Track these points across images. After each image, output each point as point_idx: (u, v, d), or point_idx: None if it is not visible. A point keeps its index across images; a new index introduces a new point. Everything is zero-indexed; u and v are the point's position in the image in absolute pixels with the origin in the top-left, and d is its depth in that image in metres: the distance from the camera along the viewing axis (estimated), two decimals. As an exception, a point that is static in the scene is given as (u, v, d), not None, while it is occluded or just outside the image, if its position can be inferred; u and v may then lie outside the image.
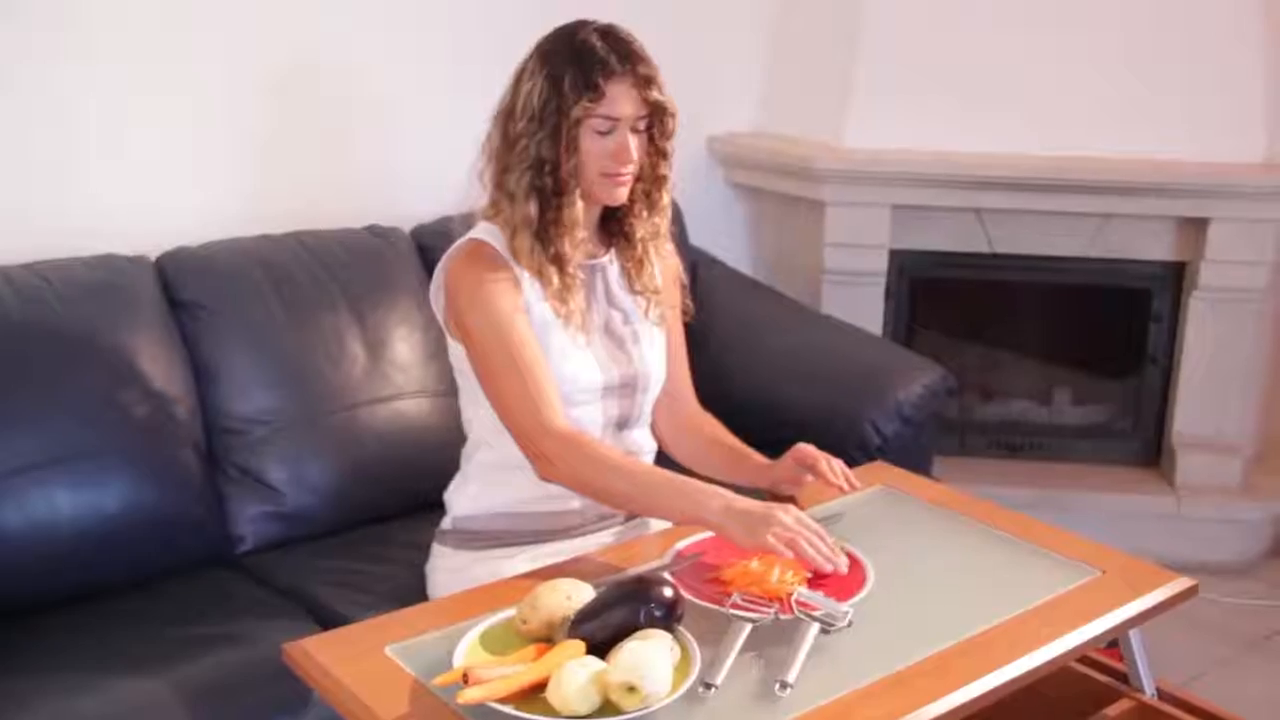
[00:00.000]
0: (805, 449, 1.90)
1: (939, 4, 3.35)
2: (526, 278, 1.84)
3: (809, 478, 1.89)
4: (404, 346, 2.52)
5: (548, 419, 1.75)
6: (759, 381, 2.79)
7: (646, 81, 1.80)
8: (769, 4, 3.51)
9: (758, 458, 1.98)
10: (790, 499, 1.90)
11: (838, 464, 1.89)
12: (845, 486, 1.87)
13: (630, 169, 1.84)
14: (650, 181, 1.91)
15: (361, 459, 2.41)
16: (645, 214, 1.93)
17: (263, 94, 2.64)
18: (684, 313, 2.08)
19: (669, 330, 2.04)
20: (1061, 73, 3.29)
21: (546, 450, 1.75)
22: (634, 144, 1.82)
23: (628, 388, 1.93)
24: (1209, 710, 1.75)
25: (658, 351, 1.99)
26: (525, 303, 1.84)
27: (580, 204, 1.84)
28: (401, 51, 2.84)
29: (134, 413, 2.20)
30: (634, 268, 1.96)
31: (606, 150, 1.81)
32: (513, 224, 1.84)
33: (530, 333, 1.82)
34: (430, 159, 2.83)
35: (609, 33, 1.82)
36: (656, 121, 1.85)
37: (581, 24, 1.84)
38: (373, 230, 2.69)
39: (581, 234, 1.86)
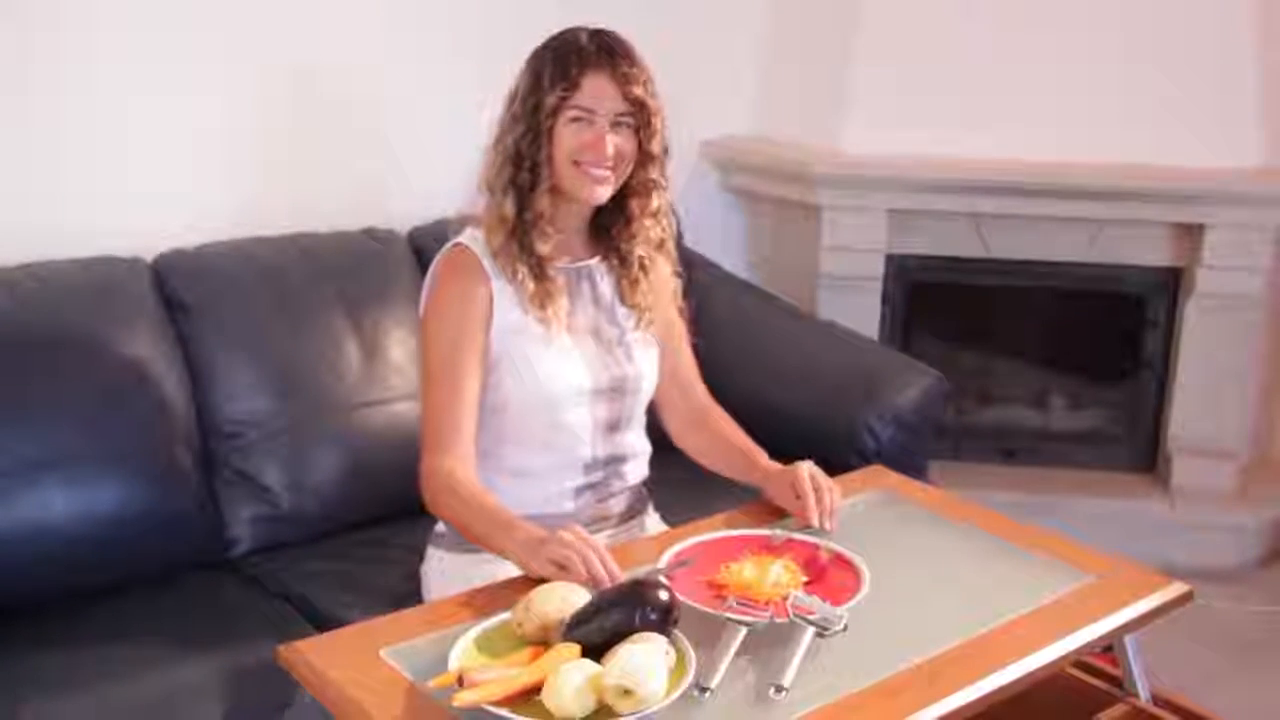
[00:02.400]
0: (800, 477, 1.83)
1: (936, 9, 3.36)
2: (502, 285, 1.84)
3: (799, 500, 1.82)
4: (400, 349, 2.51)
5: (439, 453, 1.79)
6: (755, 386, 2.79)
7: (626, 78, 1.79)
8: (765, 7, 3.52)
9: (761, 462, 1.95)
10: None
11: (831, 496, 1.82)
12: (816, 524, 1.79)
13: (607, 165, 1.82)
14: (640, 186, 1.89)
15: (357, 462, 2.41)
16: (645, 225, 1.91)
17: (260, 96, 2.64)
18: (681, 312, 2.07)
19: (670, 324, 2.03)
20: (1059, 78, 3.29)
21: (428, 482, 1.81)
22: (613, 141, 1.81)
23: (617, 391, 1.93)
24: (1204, 716, 1.75)
25: (649, 354, 1.98)
26: (495, 314, 1.84)
27: (548, 197, 1.83)
28: (399, 54, 2.83)
29: (129, 415, 2.20)
30: (628, 284, 1.94)
31: (580, 142, 1.80)
32: (490, 221, 1.84)
33: (475, 369, 1.82)
34: (427, 161, 2.83)
35: (598, 32, 1.83)
36: (641, 122, 1.83)
37: (575, 27, 1.85)
38: (369, 233, 2.68)
39: (552, 230, 1.84)
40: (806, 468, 1.84)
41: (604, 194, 1.85)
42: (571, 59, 1.79)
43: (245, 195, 2.65)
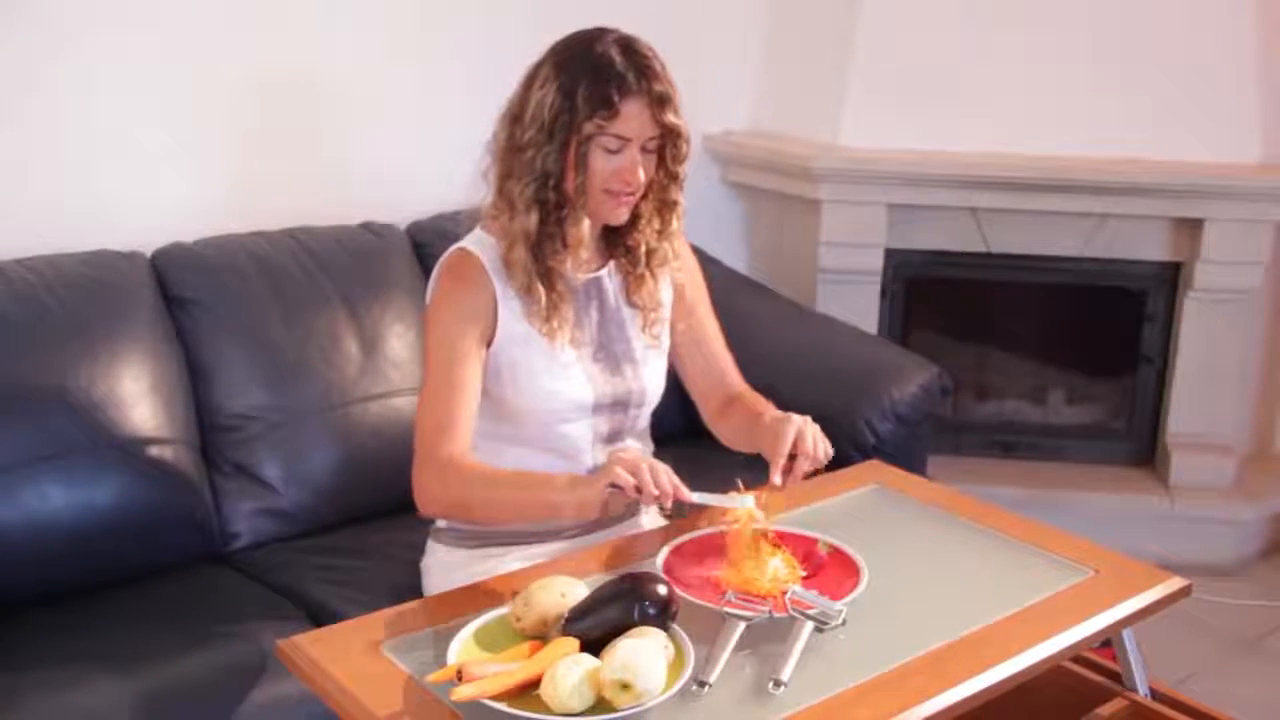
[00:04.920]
0: (782, 435, 1.75)
1: (935, 3, 3.35)
2: (508, 296, 1.82)
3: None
4: (399, 343, 2.51)
5: (439, 451, 1.74)
6: (754, 380, 2.76)
7: (662, 102, 1.75)
8: (765, 2, 3.51)
9: (765, 414, 1.88)
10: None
11: (802, 464, 1.75)
12: (775, 482, 1.73)
13: (633, 191, 1.80)
14: (659, 202, 1.86)
15: (357, 456, 2.41)
16: (654, 233, 1.89)
17: (259, 91, 2.64)
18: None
19: (699, 317, 2.01)
20: (1058, 73, 3.29)
21: (424, 477, 1.75)
22: (642, 165, 1.78)
23: (621, 404, 1.91)
24: (1202, 710, 1.75)
25: (655, 367, 1.96)
26: (499, 324, 1.81)
27: (587, 222, 1.80)
28: (399, 50, 2.83)
29: (128, 409, 2.20)
30: (634, 283, 1.92)
31: (613, 168, 1.76)
32: (511, 235, 1.80)
33: (475, 369, 1.79)
34: (426, 156, 2.83)
35: (628, 46, 1.76)
36: (669, 143, 1.80)
37: (601, 32, 1.78)
38: (368, 227, 2.68)
39: (585, 254, 1.84)
40: (794, 428, 1.75)
41: (626, 215, 1.84)
42: (611, 85, 1.72)
43: (244, 190, 2.65)
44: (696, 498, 1.63)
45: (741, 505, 1.66)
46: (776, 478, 1.73)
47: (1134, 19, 3.27)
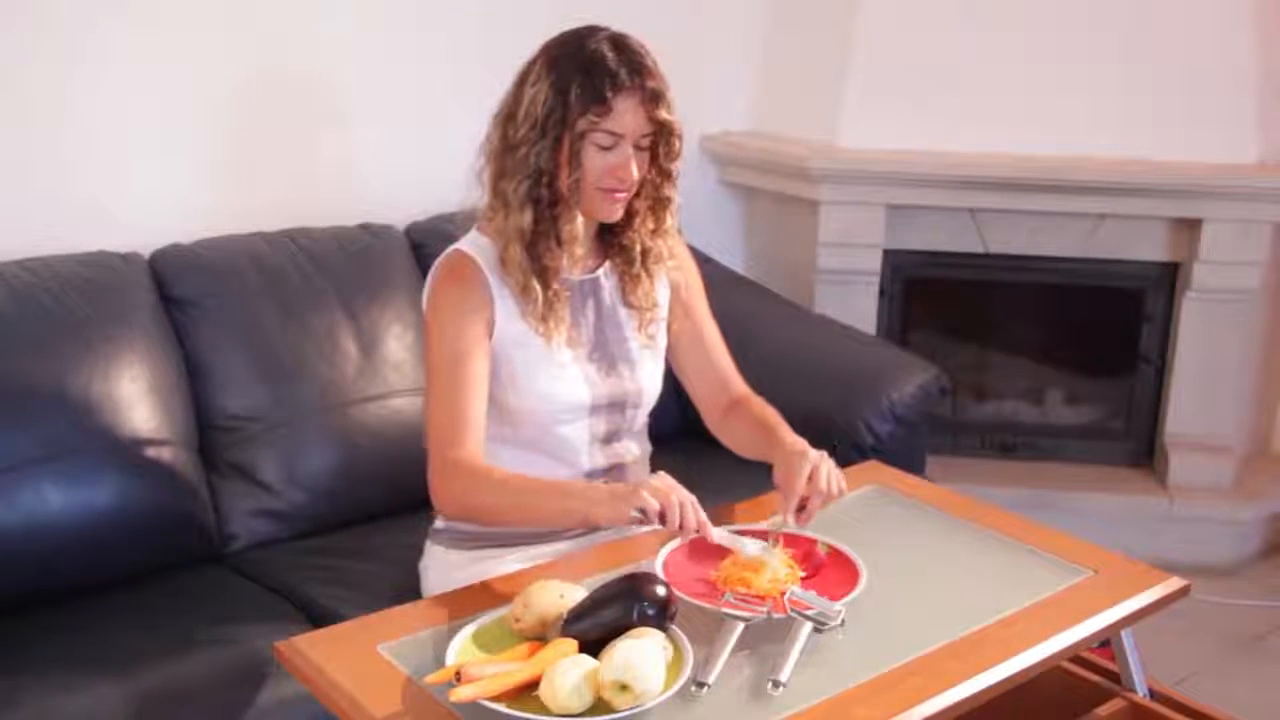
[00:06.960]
0: (794, 473, 1.74)
1: (934, 3, 3.36)
2: (504, 296, 1.81)
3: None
4: (397, 344, 2.51)
5: (452, 452, 1.74)
6: (752, 381, 2.77)
7: (655, 98, 1.75)
8: (764, 2, 3.52)
9: (779, 434, 1.86)
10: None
11: (816, 502, 1.73)
12: (783, 520, 1.72)
13: (629, 187, 1.80)
14: (653, 199, 1.86)
15: (355, 457, 2.41)
16: (648, 231, 1.89)
17: (258, 91, 2.63)
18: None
19: (697, 318, 2.01)
20: (1056, 73, 3.29)
21: (438, 481, 1.75)
22: (635, 161, 1.78)
23: (617, 405, 1.91)
24: (1201, 710, 1.75)
25: (651, 368, 1.96)
26: (496, 325, 1.81)
27: (580, 219, 1.80)
28: (398, 51, 2.83)
29: (126, 410, 2.20)
30: (630, 283, 1.92)
31: (607, 165, 1.76)
32: (506, 235, 1.80)
33: (481, 366, 1.79)
34: (424, 157, 2.83)
35: (620, 43, 1.77)
36: (662, 140, 1.80)
37: (592, 30, 1.78)
38: (366, 228, 2.68)
39: (580, 250, 1.83)
40: (809, 465, 1.74)
41: (620, 212, 1.83)
42: (604, 81, 1.72)
43: (243, 191, 2.65)
44: (719, 537, 1.63)
45: (765, 555, 1.65)
46: (790, 519, 1.72)
47: (1132, 19, 3.27)
